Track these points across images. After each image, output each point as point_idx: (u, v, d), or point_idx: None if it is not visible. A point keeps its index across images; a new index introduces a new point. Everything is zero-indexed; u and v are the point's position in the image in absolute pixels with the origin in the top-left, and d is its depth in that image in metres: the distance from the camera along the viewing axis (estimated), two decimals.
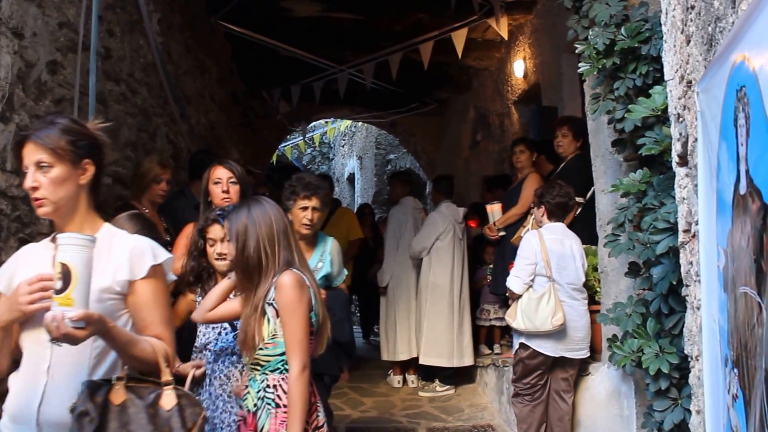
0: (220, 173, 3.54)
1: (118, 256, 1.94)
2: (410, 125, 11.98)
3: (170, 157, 5.45)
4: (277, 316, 2.48)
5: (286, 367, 2.47)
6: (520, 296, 4.08)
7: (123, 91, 4.54)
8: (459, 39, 7.03)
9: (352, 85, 8.70)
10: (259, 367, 2.52)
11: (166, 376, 1.92)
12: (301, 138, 15.00)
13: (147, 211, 4.01)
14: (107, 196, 4.22)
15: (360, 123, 14.93)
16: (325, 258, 3.70)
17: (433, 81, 9.42)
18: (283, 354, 2.48)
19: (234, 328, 2.99)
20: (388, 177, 10.67)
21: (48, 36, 3.43)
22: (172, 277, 2.13)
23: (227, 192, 3.50)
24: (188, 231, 3.47)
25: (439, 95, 10.58)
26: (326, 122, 16.04)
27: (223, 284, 2.83)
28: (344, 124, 16.12)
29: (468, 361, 6.13)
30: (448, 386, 6.17)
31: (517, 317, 4.06)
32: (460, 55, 7.20)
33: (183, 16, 6.07)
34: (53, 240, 1.93)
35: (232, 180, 3.53)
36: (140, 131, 4.87)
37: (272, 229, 2.56)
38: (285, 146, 15.43)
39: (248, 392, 2.56)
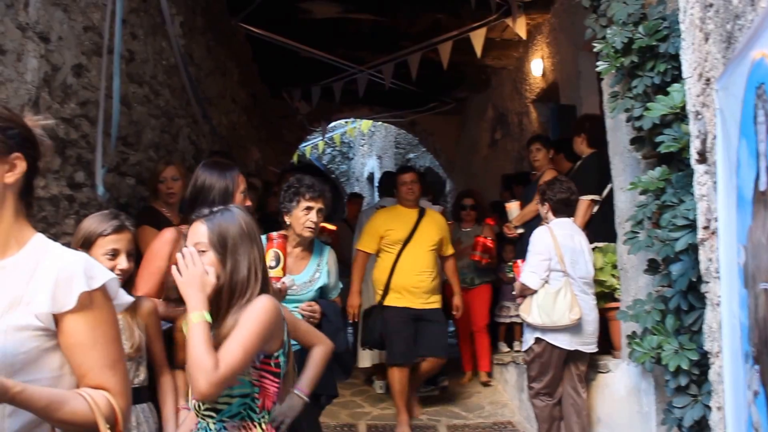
0: (244, 183, 3.12)
1: (40, 282, 1.49)
2: (429, 124, 12.01)
3: (192, 158, 5.53)
4: None
5: (249, 412, 2.04)
6: (534, 292, 4.07)
7: (146, 93, 4.61)
8: (478, 39, 7.05)
9: (372, 85, 8.74)
10: (214, 414, 2.04)
11: None
12: (321, 138, 15.06)
13: (166, 212, 4.02)
14: (131, 197, 4.29)
15: (379, 122, 14.97)
16: (322, 268, 3.43)
17: (452, 80, 9.44)
18: (245, 396, 2.02)
19: None
20: None
21: (73, 40, 3.49)
22: (126, 299, 1.69)
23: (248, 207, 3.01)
24: (167, 237, 2.98)
25: (457, 94, 10.60)
26: (346, 122, 16.10)
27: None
28: (366, 124, 16.16)
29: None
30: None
31: (532, 312, 4.05)
32: (479, 55, 7.21)
33: (205, 19, 6.14)
34: None
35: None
36: (163, 132, 4.94)
37: (260, 247, 2.11)
38: (305, 146, 15.52)
39: None
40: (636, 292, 3.57)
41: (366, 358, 6.21)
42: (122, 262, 2.50)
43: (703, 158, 1.95)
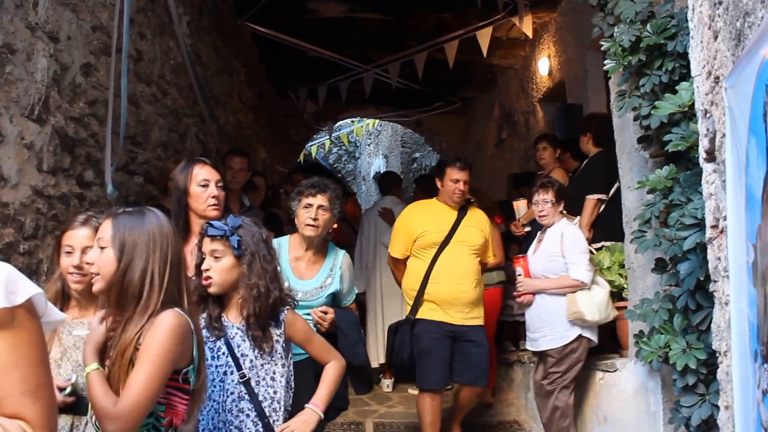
0: (208, 174, 3.03)
1: None
2: (435, 124, 12.01)
3: (200, 157, 5.55)
4: None
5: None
6: (580, 289, 4.03)
7: (154, 93, 4.63)
8: (484, 38, 7.04)
9: (378, 84, 8.75)
10: None
11: None
12: (328, 137, 15.08)
13: None
14: (139, 196, 4.31)
15: (386, 122, 14.99)
16: (335, 273, 3.29)
17: (458, 80, 9.44)
18: (149, 414, 1.92)
19: (239, 367, 2.48)
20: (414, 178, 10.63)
21: (82, 39, 3.51)
22: (59, 316, 1.45)
23: (216, 197, 2.98)
24: None
25: (464, 94, 10.60)
26: (352, 121, 16.13)
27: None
28: (370, 122, 16.18)
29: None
30: None
31: (590, 310, 4.01)
32: (485, 54, 7.20)
33: (211, 18, 6.15)
34: None
35: (221, 184, 3.06)
36: (171, 132, 4.96)
37: (166, 255, 2.02)
38: (312, 145, 15.56)
39: None
40: (643, 291, 3.56)
41: (373, 359, 6.21)
42: (74, 259, 2.41)
43: (711, 157, 1.94)
